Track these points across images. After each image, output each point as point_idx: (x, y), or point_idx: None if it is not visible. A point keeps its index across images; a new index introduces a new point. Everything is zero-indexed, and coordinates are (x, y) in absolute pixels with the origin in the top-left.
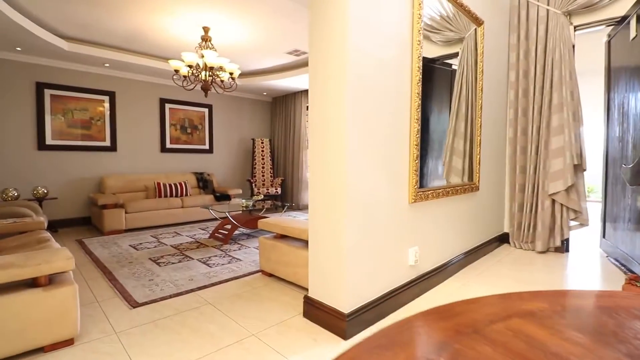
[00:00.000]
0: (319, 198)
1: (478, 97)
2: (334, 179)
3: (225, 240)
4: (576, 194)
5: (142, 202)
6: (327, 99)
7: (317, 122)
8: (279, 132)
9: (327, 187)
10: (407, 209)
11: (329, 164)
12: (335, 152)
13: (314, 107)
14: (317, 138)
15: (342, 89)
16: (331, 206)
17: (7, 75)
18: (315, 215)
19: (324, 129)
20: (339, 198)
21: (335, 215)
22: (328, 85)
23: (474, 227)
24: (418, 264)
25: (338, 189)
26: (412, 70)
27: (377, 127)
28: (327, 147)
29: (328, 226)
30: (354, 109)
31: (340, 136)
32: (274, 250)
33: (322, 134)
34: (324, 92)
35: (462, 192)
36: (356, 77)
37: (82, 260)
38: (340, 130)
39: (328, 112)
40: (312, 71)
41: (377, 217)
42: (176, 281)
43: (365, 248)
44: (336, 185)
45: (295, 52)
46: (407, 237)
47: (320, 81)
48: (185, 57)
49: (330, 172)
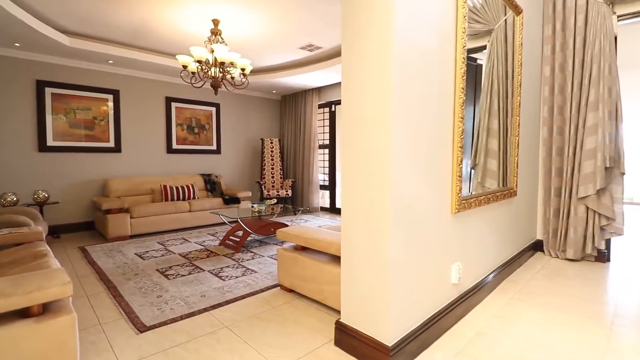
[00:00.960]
0: (355, 208)
1: (516, 92)
2: (374, 186)
3: (237, 248)
4: (610, 199)
5: (148, 206)
6: (366, 98)
7: (352, 122)
8: (289, 132)
9: (366, 195)
10: (450, 219)
11: (368, 169)
12: (376, 156)
13: (349, 106)
14: (352, 140)
15: (387, 85)
16: (371, 217)
17: (5, 73)
18: (349, 228)
19: (362, 130)
20: (381, 208)
21: (377, 227)
22: (367, 83)
23: (510, 236)
24: (461, 282)
25: (380, 198)
26: (456, 63)
27: (420, 127)
28: (365, 150)
29: (367, 240)
30: (399, 107)
31: (384, 138)
32: (295, 263)
33: (358, 136)
34: (362, 90)
35: (501, 198)
36: (401, 71)
37: (85, 272)
38: (384, 131)
39: (367, 112)
40: (346, 68)
41: (419, 230)
42: (187, 298)
43: (409, 266)
44: (378, 194)
45: (309, 47)
46: (450, 251)
47: (357, 78)
48: (194, 51)
49: (369, 178)
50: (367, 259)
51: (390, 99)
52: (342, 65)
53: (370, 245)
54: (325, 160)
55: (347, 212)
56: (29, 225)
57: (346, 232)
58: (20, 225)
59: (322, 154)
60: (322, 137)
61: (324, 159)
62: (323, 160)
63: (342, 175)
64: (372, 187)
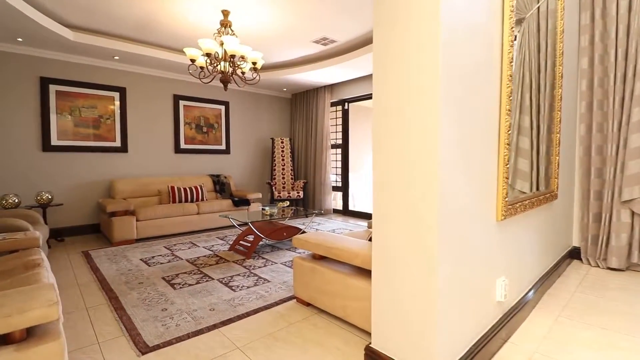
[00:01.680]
0: (392, 217)
1: (557, 85)
2: (417, 193)
3: (248, 254)
4: None
5: (155, 208)
6: (408, 90)
7: (389, 119)
8: (299, 131)
9: (406, 203)
10: (495, 228)
11: (409, 173)
12: (420, 157)
13: (385, 101)
14: (389, 140)
15: (433, 74)
16: (414, 228)
17: (8, 70)
18: (384, 239)
19: (401, 128)
20: (427, 218)
21: (422, 240)
22: (409, 72)
23: (549, 244)
24: (506, 299)
25: (426, 207)
26: (502, 45)
27: (464, 121)
28: (406, 151)
29: (409, 254)
30: (446, 99)
31: (430, 136)
32: (314, 275)
33: (397, 134)
34: (402, 81)
35: (543, 202)
36: (448, 54)
37: (86, 279)
38: (430, 128)
39: (409, 107)
40: (382, 57)
41: (465, 242)
42: (195, 312)
43: (457, 284)
44: (423, 202)
45: (323, 40)
46: (494, 264)
47: (396, 68)
48: (202, 44)
49: (411, 184)
50: (408, 275)
51: (436, 90)
52: (375, 54)
53: (413, 260)
54: (338, 161)
55: (381, 222)
56: (27, 229)
57: (380, 244)
58: (18, 230)
59: (335, 154)
60: (335, 137)
61: (336, 159)
62: (335, 161)
63: (375, 180)
64: (415, 194)
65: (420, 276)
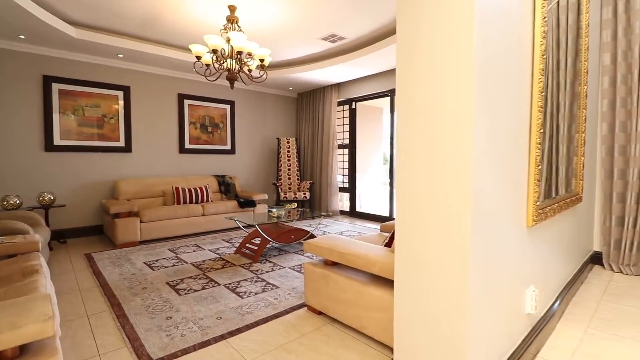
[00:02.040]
0: (417, 222)
1: (582, 82)
2: (449, 195)
3: (255, 257)
4: None
5: (159, 209)
6: (439, 82)
7: (415, 115)
8: (306, 131)
9: (434, 206)
10: (525, 234)
11: (438, 174)
12: (452, 156)
13: (409, 93)
14: (414, 137)
15: (467, 62)
16: (444, 235)
17: (10, 68)
18: (409, 244)
19: (430, 125)
20: (458, 223)
21: (452, 248)
22: (436, 59)
23: (572, 249)
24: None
25: (458, 211)
26: (534, 36)
27: (498, 117)
28: (436, 150)
29: (439, 261)
30: (480, 93)
31: (463, 133)
32: (326, 282)
33: (425, 132)
34: (429, 71)
35: (570, 205)
36: (482, 43)
37: (88, 284)
38: (464, 124)
39: (440, 101)
40: (407, 46)
41: (496, 249)
42: (200, 320)
43: (489, 293)
44: (454, 205)
45: (332, 37)
46: (524, 273)
47: (423, 59)
48: (208, 40)
49: (441, 184)
50: (437, 286)
51: (471, 82)
52: (400, 45)
53: (443, 269)
54: (345, 161)
55: (406, 228)
56: (27, 232)
57: (404, 252)
58: (17, 233)
59: (341, 155)
60: (342, 137)
61: (343, 159)
62: (342, 161)
63: (399, 183)
64: (445, 198)
65: (451, 287)
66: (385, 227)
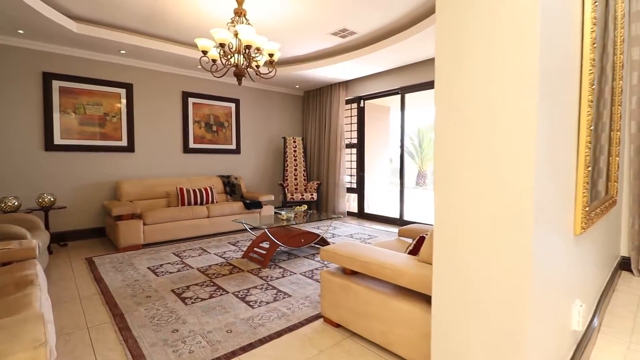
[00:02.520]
0: (468, 229)
1: (617, 76)
2: (507, 199)
3: (264, 263)
4: None
5: (163, 211)
6: (493, 73)
7: (464, 110)
8: (312, 130)
9: (491, 211)
10: (573, 242)
11: (496, 174)
12: (510, 156)
13: (457, 89)
14: (463, 135)
15: (530, 50)
16: (499, 245)
17: (9, 64)
18: (451, 255)
19: (484, 120)
20: (517, 229)
21: (509, 256)
22: (494, 50)
23: (605, 256)
24: (582, 326)
25: (517, 215)
26: (583, 22)
27: (556, 114)
28: (490, 149)
29: (489, 277)
30: (542, 86)
31: (523, 130)
32: (346, 293)
33: (477, 128)
34: (483, 63)
35: (609, 208)
36: (545, 26)
37: (89, 292)
38: (524, 119)
39: (494, 93)
40: (453, 33)
41: (550, 260)
42: (209, 334)
43: (542, 313)
44: (512, 211)
45: (342, 32)
46: (570, 286)
47: (473, 46)
48: (215, 33)
49: (498, 187)
50: (488, 305)
51: (534, 75)
52: (443, 32)
53: (497, 285)
54: (353, 161)
55: (449, 237)
56: (24, 237)
57: (446, 265)
58: (13, 238)
59: (349, 154)
60: (349, 136)
61: (350, 159)
62: (350, 161)
63: (439, 184)
64: (502, 203)
65: (507, 306)
66: (404, 232)
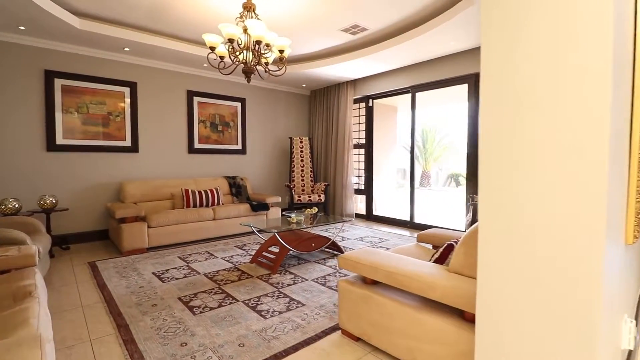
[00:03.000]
0: (516, 233)
1: None
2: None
3: (274, 268)
4: None
5: (168, 213)
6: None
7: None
8: (319, 130)
9: (552, 219)
10: (624, 252)
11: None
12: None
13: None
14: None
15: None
16: (561, 253)
17: (10, 62)
18: (501, 268)
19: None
20: (586, 239)
21: (573, 266)
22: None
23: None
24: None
25: (588, 230)
26: (636, 10)
27: (619, 111)
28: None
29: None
30: (614, 79)
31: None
32: (367, 304)
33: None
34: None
35: None
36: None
37: (91, 299)
38: (596, 113)
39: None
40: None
41: (610, 270)
42: (221, 348)
43: (607, 333)
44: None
45: (354, 28)
46: (619, 301)
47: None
48: (224, 28)
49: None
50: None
51: (607, 69)
52: (490, 23)
53: (557, 303)
54: (361, 162)
55: (493, 243)
56: (23, 242)
57: (498, 276)
58: (12, 243)
59: (357, 155)
60: (357, 136)
61: (358, 160)
62: (358, 162)
63: (486, 186)
64: (567, 209)
65: (570, 326)
66: (424, 237)
